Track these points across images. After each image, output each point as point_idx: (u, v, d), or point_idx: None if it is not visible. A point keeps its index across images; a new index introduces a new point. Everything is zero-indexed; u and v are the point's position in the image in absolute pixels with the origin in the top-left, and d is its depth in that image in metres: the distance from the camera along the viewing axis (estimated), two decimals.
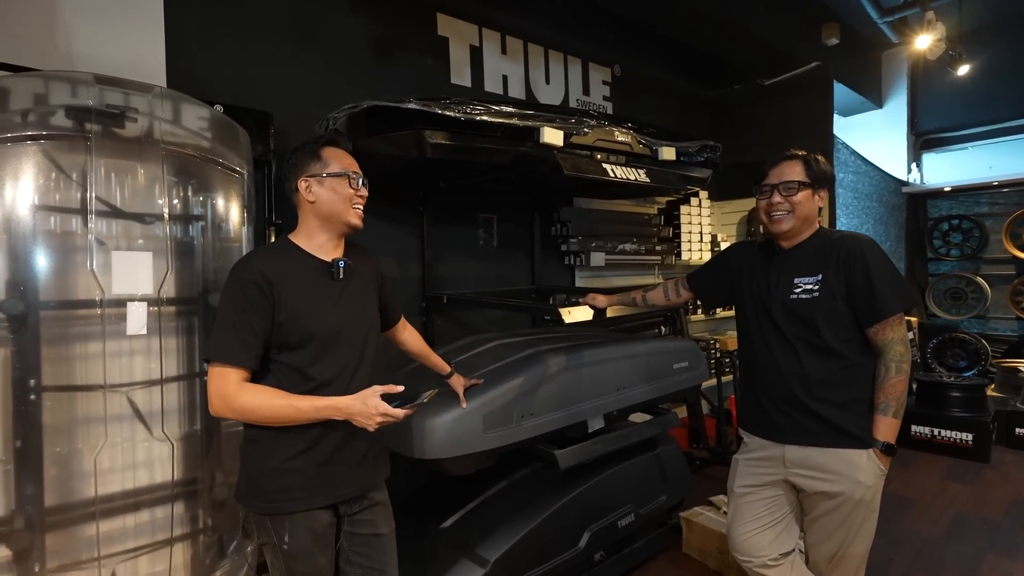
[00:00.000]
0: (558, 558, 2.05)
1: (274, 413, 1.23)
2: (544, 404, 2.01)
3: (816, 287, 1.55)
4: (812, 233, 1.63)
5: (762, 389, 1.68)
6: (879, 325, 1.51)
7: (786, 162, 1.61)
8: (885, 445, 1.52)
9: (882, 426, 1.52)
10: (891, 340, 1.52)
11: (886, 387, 1.52)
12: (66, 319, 1.63)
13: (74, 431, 1.65)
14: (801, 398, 1.57)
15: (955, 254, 5.94)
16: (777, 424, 1.63)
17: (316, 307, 1.31)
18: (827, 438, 1.55)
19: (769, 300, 1.64)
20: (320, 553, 1.33)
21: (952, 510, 3.07)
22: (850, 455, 1.53)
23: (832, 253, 1.56)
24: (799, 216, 1.59)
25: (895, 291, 1.51)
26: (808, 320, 1.56)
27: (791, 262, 1.62)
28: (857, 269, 1.52)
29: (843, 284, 1.53)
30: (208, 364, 1.26)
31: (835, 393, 1.54)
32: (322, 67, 2.61)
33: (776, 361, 1.62)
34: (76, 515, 1.64)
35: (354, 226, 1.40)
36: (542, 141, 2.06)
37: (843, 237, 1.58)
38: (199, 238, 1.88)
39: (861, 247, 1.54)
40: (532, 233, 3.42)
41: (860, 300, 1.52)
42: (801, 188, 1.57)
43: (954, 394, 4.05)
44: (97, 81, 1.66)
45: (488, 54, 3.26)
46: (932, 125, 5.98)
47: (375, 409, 1.23)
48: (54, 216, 1.61)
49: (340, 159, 1.37)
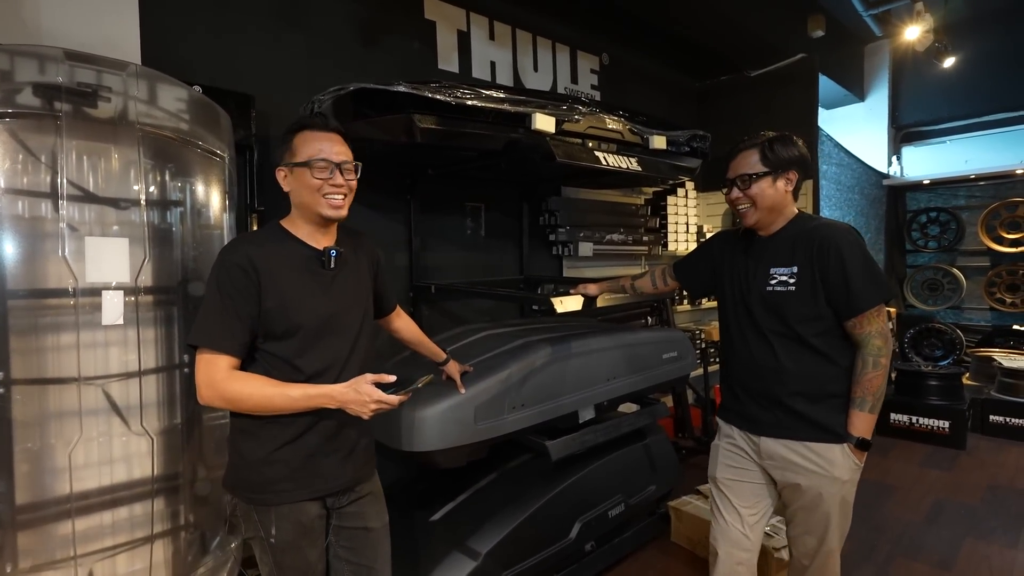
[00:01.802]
0: (549, 549, 2.04)
1: (266, 402, 1.18)
2: (535, 395, 1.99)
3: (792, 280, 1.51)
4: (790, 220, 1.58)
5: (738, 381, 1.66)
6: (857, 319, 1.47)
7: (741, 154, 1.56)
8: (860, 440, 1.49)
9: (857, 421, 1.49)
10: (869, 334, 1.47)
11: (863, 381, 1.48)
12: (36, 309, 1.55)
13: (46, 426, 1.57)
14: (776, 392, 1.55)
15: (933, 246, 6.06)
16: (752, 416, 1.62)
17: (304, 296, 1.27)
18: (802, 432, 1.53)
19: (747, 291, 1.61)
20: (309, 547, 1.29)
21: (931, 496, 3.14)
22: (825, 449, 1.50)
23: (807, 244, 1.51)
24: (763, 207, 1.53)
25: (872, 283, 1.46)
26: (783, 314, 1.52)
27: (768, 252, 1.58)
28: (832, 262, 1.47)
29: (818, 277, 1.48)
30: (195, 351, 1.22)
31: (810, 387, 1.52)
32: (306, 49, 2.53)
33: (752, 354, 1.60)
34: (50, 513, 1.57)
35: (328, 217, 1.29)
36: (534, 127, 2.02)
37: (818, 226, 1.53)
38: (178, 225, 1.80)
39: (836, 238, 1.48)
40: (520, 223, 3.39)
41: (836, 294, 1.47)
42: (756, 179, 1.51)
43: (931, 383, 4.15)
44: (67, 57, 1.57)
45: (476, 39, 3.20)
46: (912, 119, 6.07)
47: (368, 396, 1.19)
48: (22, 200, 1.53)
49: (308, 145, 1.26)
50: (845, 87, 5.67)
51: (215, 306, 1.20)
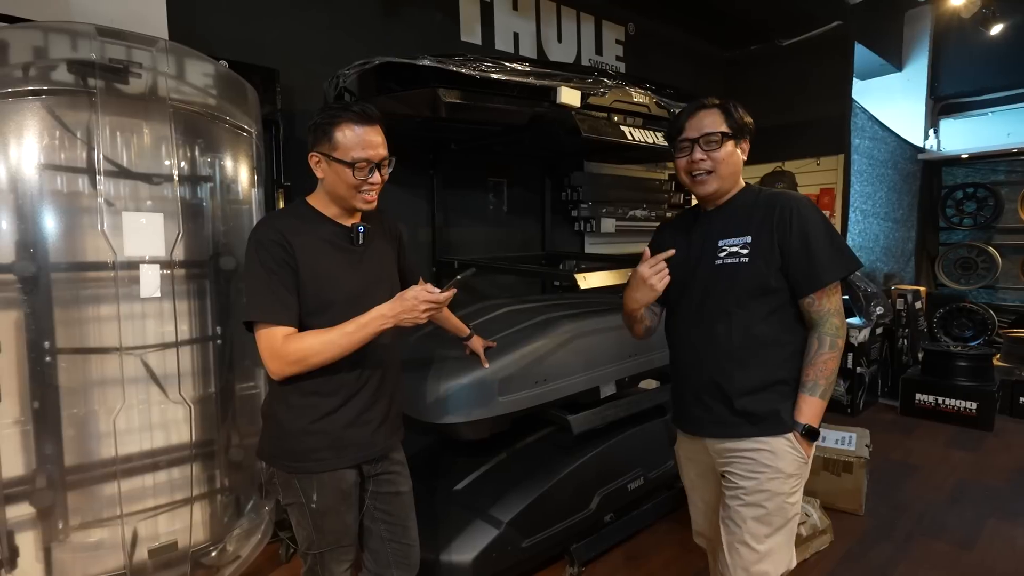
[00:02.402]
0: (569, 519, 2.08)
1: (328, 347, 1.21)
2: (557, 370, 2.01)
3: (745, 251, 1.34)
4: (739, 190, 1.42)
5: (682, 378, 1.49)
6: (816, 294, 1.32)
7: (703, 111, 1.37)
8: (806, 428, 1.32)
9: (806, 407, 1.32)
10: (828, 311, 1.32)
11: (817, 363, 1.32)
12: (78, 281, 1.61)
13: (90, 393, 1.65)
14: (718, 384, 1.37)
15: (968, 223, 5.85)
16: (695, 416, 1.45)
17: (335, 273, 1.29)
18: (745, 428, 1.35)
19: (692, 270, 1.42)
20: (347, 511, 1.36)
21: (955, 476, 3.11)
22: (770, 443, 1.33)
23: (763, 212, 1.35)
24: (723, 174, 1.36)
25: (837, 255, 1.32)
26: (733, 289, 1.35)
27: (716, 224, 1.41)
28: (793, 230, 1.31)
29: (776, 248, 1.32)
30: (253, 329, 1.24)
31: (756, 375, 1.35)
32: (328, 22, 2.51)
33: (693, 344, 1.43)
34: (96, 475, 1.66)
35: (360, 210, 1.33)
36: (559, 101, 1.99)
37: (775, 195, 1.38)
38: (208, 200, 1.84)
39: (796, 205, 1.34)
40: (543, 198, 3.37)
41: (796, 266, 1.31)
42: (724, 140, 1.34)
43: (960, 363, 4.06)
44: (99, 34, 1.59)
45: (499, 10, 3.13)
46: (952, 90, 5.79)
47: (416, 299, 1.22)
48: (61, 176, 1.57)
49: (350, 142, 1.24)
50: (882, 56, 5.43)
51: (262, 282, 1.22)
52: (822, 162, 4.32)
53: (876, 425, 3.87)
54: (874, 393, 4.43)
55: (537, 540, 1.97)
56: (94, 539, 1.65)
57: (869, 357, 4.25)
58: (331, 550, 1.36)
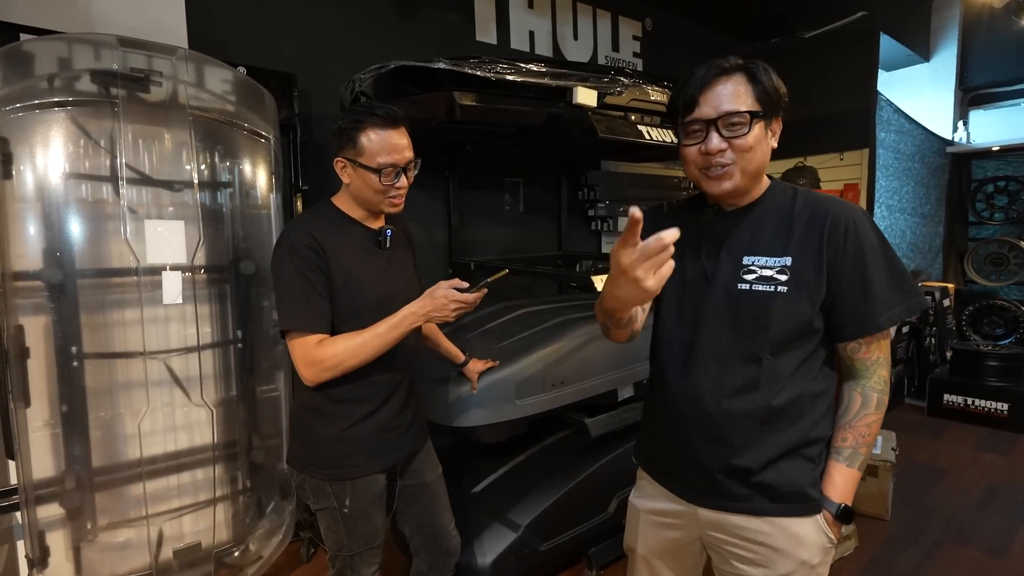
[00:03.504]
0: (587, 523, 2.07)
1: (361, 350, 1.21)
2: (575, 372, 1.99)
3: (783, 276, 0.99)
4: (766, 188, 1.06)
5: (674, 426, 1.10)
6: (866, 339, 1.01)
7: (723, 77, 0.98)
8: (843, 509, 1.02)
9: (841, 480, 1.03)
10: (877, 361, 1.03)
11: (859, 426, 1.03)
12: (103, 287, 1.65)
13: (116, 396, 1.69)
14: (729, 443, 1.03)
15: (999, 218, 5.67)
16: (688, 478, 1.10)
17: (365, 276, 1.29)
18: (760, 502, 1.03)
19: (705, 291, 1.06)
20: (377, 513, 1.37)
21: (985, 480, 3.02)
22: (792, 525, 1.03)
23: (806, 225, 1.00)
24: (748, 169, 0.98)
25: (900, 290, 0.99)
26: (766, 326, 0.99)
27: (739, 232, 1.04)
28: (849, 255, 0.97)
29: (824, 276, 0.98)
30: (286, 336, 1.24)
31: (779, 436, 1.02)
32: (344, 25, 2.52)
33: (701, 389, 1.04)
34: (122, 476, 1.70)
35: (388, 214, 1.35)
36: (575, 102, 1.97)
37: (821, 201, 1.01)
38: (228, 205, 1.86)
39: (854, 219, 0.99)
40: (559, 198, 3.34)
41: (845, 302, 0.99)
42: (754, 121, 0.96)
43: (991, 363, 3.94)
44: (120, 44, 1.62)
45: (514, 8, 3.11)
46: (982, 80, 5.61)
47: (446, 299, 1.22)
48: (85, 184, 1.60)
49: (376, 147, 1.22)
50: (908, 47, 5.28)
51: (297, 288, 1.21)
52: (846, 157, 4.21)
53: (902, 426, 3.78)
54: (900, 393, 4.33)
55: (555, 544, 1.97)
56: (121, 539, 1.69)
57: (895, 356, 4.15)
58: (360, 552, 1.37)
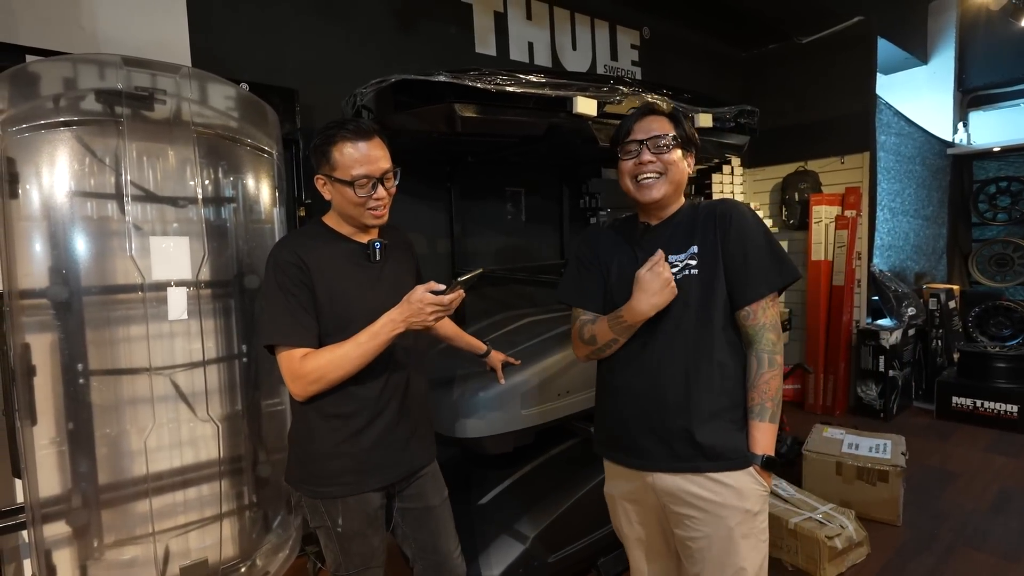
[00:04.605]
0: (595, 533, 2.06)
1: (344, 361, 1.21)
2: (580, 381, 1.99)
3: (694, 261, 1.24)
4: (682, 204, 1.33)
5: (626, 404, 1.31)
6: (752, 307, 1.22)
7: (651, 116, 1.29)
8: (766, 458, 1.22)
9: (759, 435, 1.22)
10: (763, 325, 1.22)
11: (759, 385, 1.22)
12: (108, 304, 1.65)
13: (122, 412, 1.69)
14: (672, 413, 1.24)
15: (1002, 218, 5.66)
16: (642, 448, 1.28)
17: (353, 291, 1.29)
18: (702, 462, 1.22)
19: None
20: (373, 535, 1.35)
21: (997, 484, 2.99)
22: (732, 478, 1.21)
23: (704, 219, 1.27)
24: (672, 180, 1.27)
25: (775, 263, 1.22)
26: (688, 305, 1.23)
27: (662, 240, 1.29)
28: (732, 235, 1.23)
29: (719, 252, 1.24)
30: (274, 352, 1.24)
31: (715, 402, 1.23)
32: (346, 40, 2.55)
33: (642, 366, 1.27)
34: (128, 493, 1.69)
35: (371, 226, 1.33)
36: (575, 111, 1.98)
37: (714, 202, 1.31)
38: (231, 220, 1.87)
39: (734, 209, 1.26)
40: (560, 206, 3.36)
41: (733, 273, 1.23)
42: (675, 145, 1.26)
43: (999, 364, 3.91)
44: (125, 63, 1.64)
45: (513, 20, 3.14)
46: (981, 81, 5.62)
47: (422, 303, 1.20)
48: (90, 202, 1.61)
49: (348, 160, 1.23)
50: (906, 50, 5.29)
51: (281, 304, 1.22)
52: (847, 160, 4.22)
53: (911, 430, 3.75)
54: (908, 397, 4.30)
55: (564, 555, 1.95)
56: (127, 556, 1.69)
57: (902, 360, 4.13)
58: (358, 572, 1.36)
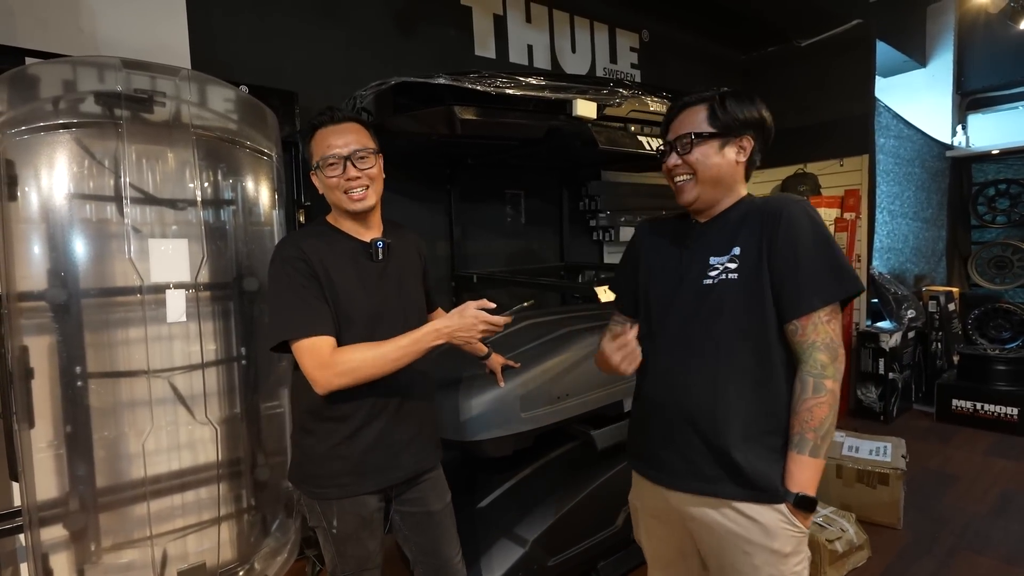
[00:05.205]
0: (595, 537, 2.05)
1: (381, 361, 1.18)
2: (580, 385, 1.98)
3: (734, 264, 1.11)
4: (736, 202, 1.19)
5: (651, 410, 1.22)
6: (802, 320, 1.06)
7: (685, 111, 1.18)
8: (799, 498, 1.06)
9: (795, 469, 1.06)
10: (813, 344, 1.06)
11: (801, 411, 1.06)
12: (107, 306, 1.65)
13: (120, 415, 1.68)
14: (695, 424, 1.12)
15: (1001, 220, 5.66)
16: (661, 461, 1.19)
17: (354, 289, 1.28)
18: (725, 487, 1.10)
19: (676, 287, 1.19)
20: (369, 538, 1.34)
21: (998, 487, 2.99)
22: (758, 512, 1.08)
23: (751, 219, 1.13)
24: (705, 179, 1.15)
25: (832, 272, 1.06)
26: (724, 313, 1.11)
27: (707, 239, 1.19)
28: (780, 237, 1.07)
29: (765, 256, 1.09)
30: (292, 344, 1.20)
31: (744, 418, 1.09)
32: (345, 42, 2.55)
33: (673, 372, 1.17)
34: (126, 496, 1.68)
35: (353, 211, 1.28)
36: (575, 114, 1.98)
37: (767, 199, 1.15)
38: (231, 222, 1.87)
39: (786, 208, 1.09)
40: (560, 209, 3.36)
41: (781, 285, 1.07)
42: (699, 141, 1.14)
43: (998, 367, 3.91)
44: (124, 65, 1.63)
45: (512, 23, 3.15)
46: (980, 84, 5.63)
47: (475, 319, 1.20)
48: (89, 204, 1.61)
49: (319, 144, 1.26)
50: (905, 53, 5.31)
51: (293, 298, 1.20)
52: (846, 163, 4.22)
53: (911, 433, 3.75)
54: (908, 399, 4.30)
55: (564, 558, 1.94)
56: (125, 560, 1.68)
57: (901, 362, 4.13)
58: (353, 574, 1.35)
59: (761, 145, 1.19)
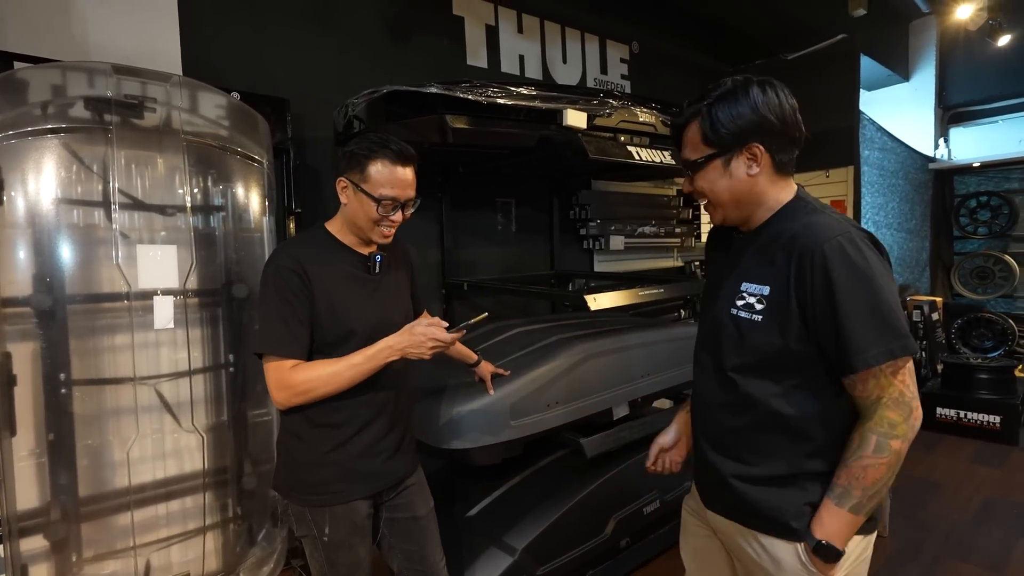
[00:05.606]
0: (584, 545, 2.05)
1: (335, 378, 1.22)
2: (569, 392, 1.99)
3: (760, 306, 1.01)
4: (778, 210, 1.06)
5: (694, 428, 1.21)
6: (861, 375, 0.95)
7: (684, 131, 1.09)
8: (821, 545, 0.97)
9: (828, 517, 0.98)
10: (877, 400, 0.95)
11: (853, 466, 0.96)
12: (93, 312, 1.63)
13: (104, 423, 1.66)
14: (723, 452, 1.10)
15: (983, 232, 5.78)
16: (701, 480, 1.19)
17: (352, 302, 1.30)
18: (744, 516, 1.07)
19: (713, 306, 1.13)
20: (360, 544, 1.34)
21: (981, 494, 3.02)
22: (773, 546, 1.02)
23: (782, 255, 1.00)
24: (720, 203, 1.06)
25: (876, 329, 0.93)
26: (742, 349, 1.04)
27: (745, 256, 1.09)
28: (816, 290, 0.95)
29: (794, 309, 0.98)
30: (262, 359, 1.24)
31: (755, 458, 1.04)
32: (337, 51, 2.56)
33: (703, 395, 1.15)
34: (110, 505, 1.66)
35: (376, 243, 1.35)
36: (565, 124, 2.00)
37: (800, 230, 0.99)
38: (220, 229, 1.86)
39: (821, 251, 0.94)
40: (551, 217, 3.37)
41: (826, 340, 0.96)
42: (701, 167, 1.05)
43: (981, 376, 3.97)
44: (115, 71, 1.63)
45: (504, 33, 3.18)
46: (961, 98, 5.77)
47: (424, 336, 1.22)
48: (77, 209, 1.60)
49: (382, 180, 1.26)
50: (888, 67, 5.42)
51: (276, 312, 1.22)
52: (831, 174, 4.29)
53: None
54: None
55: (552, 567, 1.94)
56: (107, 571, 1.65)
57: None
58: None
59: (778, 144, 1.04)
